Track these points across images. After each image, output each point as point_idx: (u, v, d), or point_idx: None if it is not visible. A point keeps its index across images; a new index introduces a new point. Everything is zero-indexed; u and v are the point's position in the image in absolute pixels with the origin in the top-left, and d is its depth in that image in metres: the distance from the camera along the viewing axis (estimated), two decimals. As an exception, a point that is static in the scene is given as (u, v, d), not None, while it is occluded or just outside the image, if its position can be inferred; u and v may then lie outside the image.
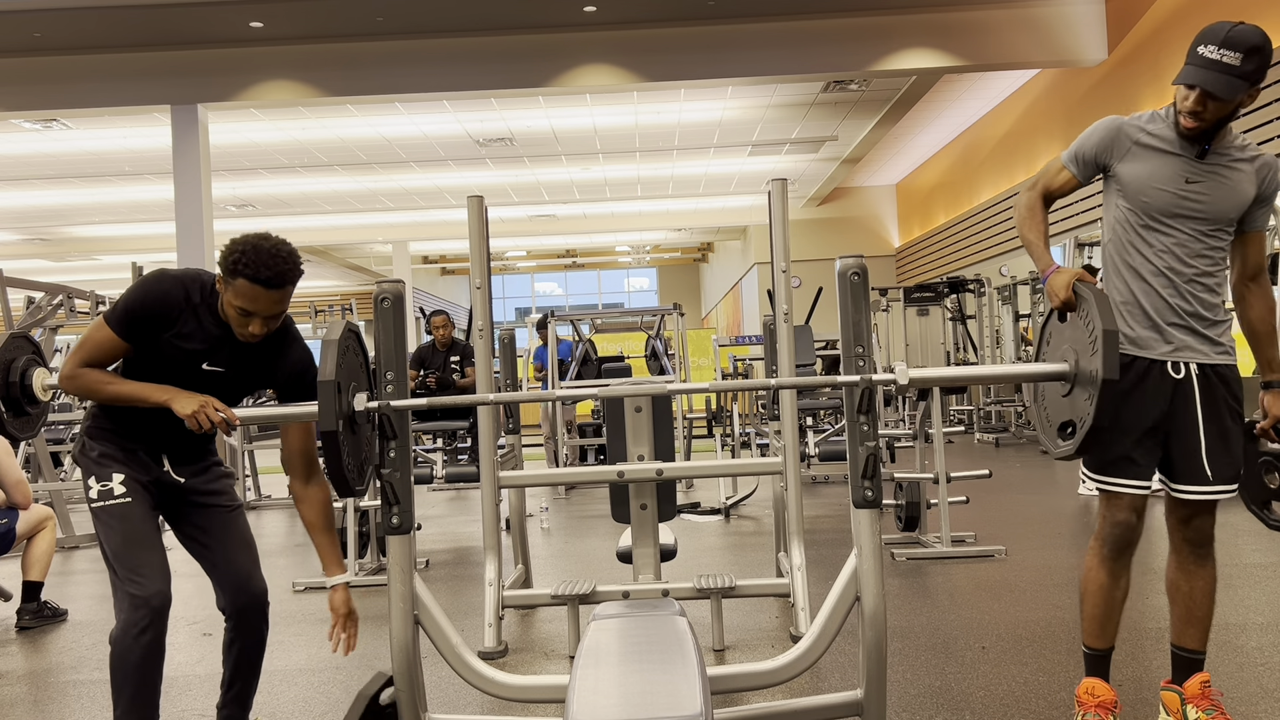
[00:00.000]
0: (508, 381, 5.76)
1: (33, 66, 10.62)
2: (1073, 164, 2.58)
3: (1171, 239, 2.46)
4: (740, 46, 10.71)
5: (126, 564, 2.40)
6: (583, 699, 1.79)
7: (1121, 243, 2.53)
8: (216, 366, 2.51)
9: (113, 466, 2.49)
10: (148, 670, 2.39)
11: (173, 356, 2.45)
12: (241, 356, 2.54)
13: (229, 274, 2.38)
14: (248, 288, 2.35)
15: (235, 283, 2.36)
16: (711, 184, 17.96)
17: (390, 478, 2.27)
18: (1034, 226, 2.63)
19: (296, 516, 7.89)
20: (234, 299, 2.38)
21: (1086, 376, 2.28)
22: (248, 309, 2.39)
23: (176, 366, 2.46)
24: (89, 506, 2.50)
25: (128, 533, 2.44)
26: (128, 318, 2.41)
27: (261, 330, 2.44)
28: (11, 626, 4.41)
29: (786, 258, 3.84)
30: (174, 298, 2.43)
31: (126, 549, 2.41)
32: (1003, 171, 14.25)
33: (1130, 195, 2.48)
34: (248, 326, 2.42)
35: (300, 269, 2.42)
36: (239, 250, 2.36)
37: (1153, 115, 2.50)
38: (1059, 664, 3.23)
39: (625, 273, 31.66)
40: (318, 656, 3.75)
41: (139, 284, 2.45)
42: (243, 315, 2.41)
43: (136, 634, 2.35)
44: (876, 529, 2.24)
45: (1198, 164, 2.43)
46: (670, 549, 3.63)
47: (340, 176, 15.78)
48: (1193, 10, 9.35)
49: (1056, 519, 6.02)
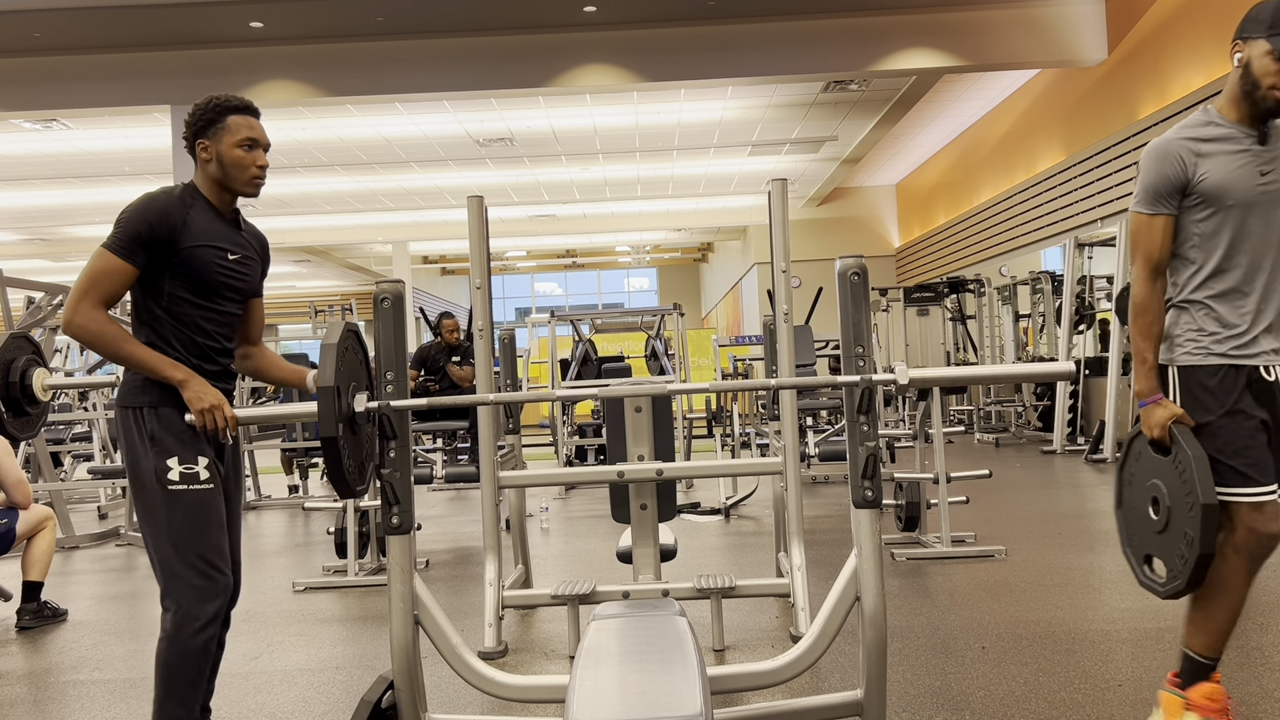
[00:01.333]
0: (508, 381, 5.77)
1: (33, 66, 10.62)
2: (1162, 204, 2.45)
3: (1256, 234, 2.39)
4: (740, 46, 10.71)
5: (200, 553, 2.33)
6: (583, 699, 1.79)
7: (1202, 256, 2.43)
8: (237, 253, 2.50)
9: (197, 446, 2.38)
10: (204, 665, 2.35)
11: (205, 260, 2.41)
12: (243, 242, 2.55)
13: (217, 117, 2.47)
14: (243, 119, 2.48)
15: (227, 122, 2.46)
16: (711, 184, 17.96)
17: (390, 478, 2.27)
18: (1144, 329, 2.45)
19: (296, 516, 7.90)
20: (233, 136, 2.45)
21: (1179, 527, 2.31)
22: (253, 137, 2.47)
23: (214, 270, 2.43)
24: (160, 485, 2.34)
25: (206, 520, 2.36)
26: (139, 242, 2.34)
27: (265, 161, 2.51)
28: (11, 626, 4.41)
29: (786, 258, 3.84)
30: (172, 209, 2.39)
31: (203, 537, 2.34)
32: (1003, 171, 14.25)
33: (1213, 200, 2.39)
34: (256, 161, 2.48)
35: None
36: (212, 99, 2.49)
37: (1197, 119, 2.44)
38: (1059, 664, 3.23)
39: (625, 273, 31.66)
40: (318, 656, 3.75)
41: (136, 210, 2.37)
42: (249, 149, 2.47)
43: (201, 627, 2.31)
44: (876, 529, 2.24)
45: (1263, 150, 2.38)
46: (670, 549, 3.64)
47: (340, 176, 15.78)
48: (1193, 10, 9.35)
49: (1056, 519, 6.02)
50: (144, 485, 2.37)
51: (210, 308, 2.45)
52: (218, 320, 2.48)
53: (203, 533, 2.35)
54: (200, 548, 2.33)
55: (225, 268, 2.45)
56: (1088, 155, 11.29)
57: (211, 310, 2.46)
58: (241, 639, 4.04)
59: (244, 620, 4.38)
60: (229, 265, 2.46)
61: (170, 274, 2.39)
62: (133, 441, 2.39)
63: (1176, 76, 9.60)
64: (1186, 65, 9.43)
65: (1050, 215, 12.39)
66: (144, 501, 2.38)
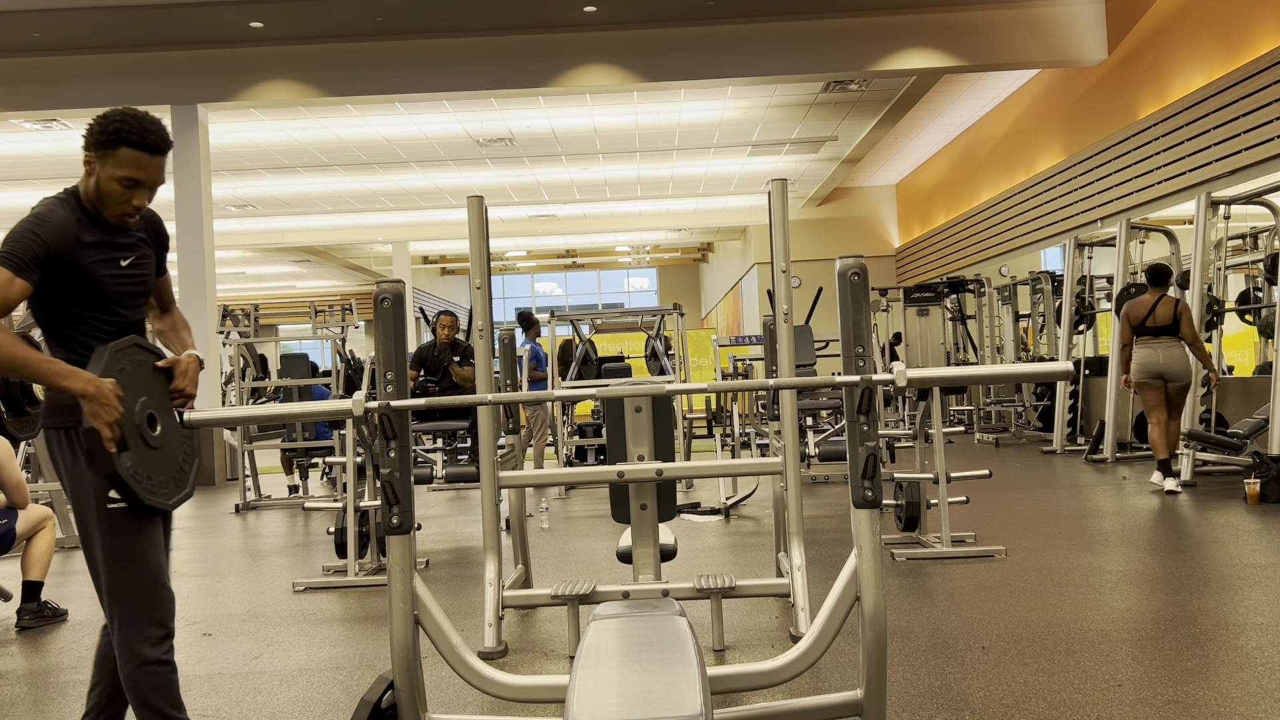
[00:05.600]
0: (508, 382, 5.77)
1: (33, 66, 10.62)
2: None
3: None
4: (740, 46, 10.71)
5: (154, 579, 2.30)
6: (583, 699, 1.79)
7: None
8: (130, 256, 2.37)
9: None
10: (171, 681, 2.33)
11: (99, 275, 2.29)
12: (134, 246, 2.40)
13: (108, 145, 2.25)
14: (136, 156, 2.26)
15: (118, 153, 2.25)
16: (711, 184, 17.97)
17: (390, 478, 2.27)
18: None
19: (296, 516, 7.90)
20: (117, 170, 2.25)
21: None
22: (136, 178, 2.27)
23: (110, 283, 2.32)
24: (99, 507, 2.25)
25: (153, 542, 2.31)
26: (36, 258, 2.20)
27: (146, 203, 2.32)
28: (11, 626, 4.41)
29: (786, 258, 3.84)
30: (67, 219, 2.26)
31: (153, 561, 2.30)
32: (1003, 171, 14.25)
33: None
34: (132, 200, 2.29)
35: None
36: (115, 120, 2.25)
37: None
38: (1059, 664, 3.23)
39: (625, 273, 31.66)
40: (318, 656, 3.75)
41: (30, 224, 2.23)
42: (128, 187, 2.27)
43: (167, 652, 2.30)
44: (876, 529, 2.24)
45: None
46: (670, 549, 3.63)
47: (340, 176, 15.78)
48: (1193, 10, 9.35)
49: (1056, 519, 6.02)
50: (88, 506, 2.28)
51: (108, 319, 2.35)
52: (120, 324, 2.37)
53: (150, 556, 2.30)
54: (154, 573, 2.31)
55: (119, 277, 2.35)
56: (1088, 155, 11.29)
57: (114, 318, 2.36)
58: (241, 639, 4.04)
59: (244, 620, 4.38)
60: (123, 273, 2.36)
61: (65, 289, 2.28)
62: (69, 463, 2.31)
63: (1176, 76, 9.60)
64: (1186, 65, 9.43)
65: (1050, 215, 12.39)
66: (87, 523, 2.29)
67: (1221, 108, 8.69)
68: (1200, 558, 4.78)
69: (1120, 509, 6.35)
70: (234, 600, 4.84)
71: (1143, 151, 10.04)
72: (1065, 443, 10.19)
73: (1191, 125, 9.16)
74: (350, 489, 5.10)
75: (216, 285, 11.60)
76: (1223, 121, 8.67)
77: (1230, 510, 6.11)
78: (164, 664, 2.30)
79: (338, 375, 9.23)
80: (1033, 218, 12.98)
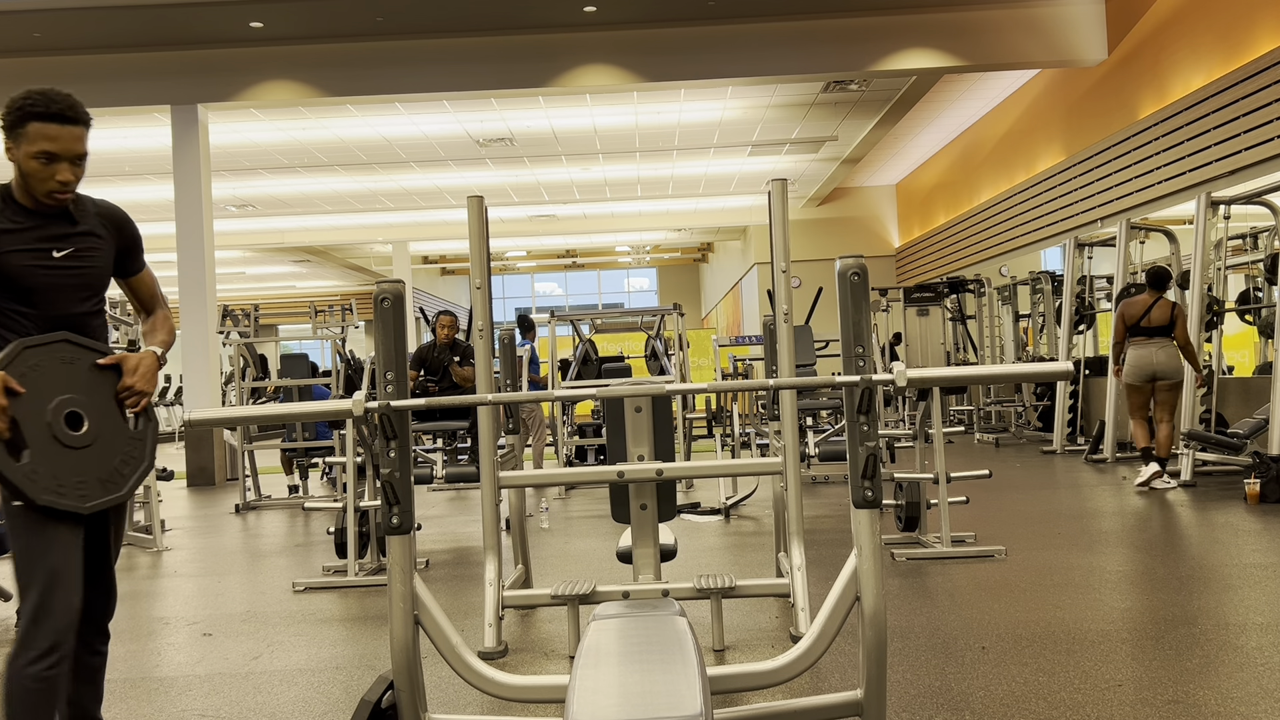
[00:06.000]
0: (508, 382, 5.77)
1: (33, 66, 10.61)
2: None
3: None
4: (740, 46, 10.71)
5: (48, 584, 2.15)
6: (583, 699, 1.79)
7: None
8: (66, 248, 2.29)
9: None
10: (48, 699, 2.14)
11: (20, 267, 2.22)
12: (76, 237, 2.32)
13: (16, 124, 2.20)
14: (44, 128, 2.20)
15: (27, 129, 2.19)
16: (711, 184, 17.97)
17: (390, 478, 2.27)
18: None
19: (296, 516, 7.90)
20: (31, 147, 2.20)
21: None
22: (51, 150, 2.20)
23: (35, 275, 2.23)
24: (7, 503, 2.18)
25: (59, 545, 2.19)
26: None
27: (70, 176, 2.24)
28: (11, 626, 4.41)
29: (786, 258, 3.84)
30: None
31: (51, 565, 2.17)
32: (1003, 171, 14.25)
33: None
34: (55, 175, 2.22)
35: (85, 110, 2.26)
36: (19, 99, 2.20)
37: None
38: (1059, 664, 3.23)
39: (625, 273, 31.67)
40: (318, 656, 3.75)
41: None
42: (46, 163, 2.21)
43: (48, 669, 2.12)
44: (876, 529, 2.24)
45: None
46: (670, 549, 3.63)
47: (340, 176, 15.78)
48: (1193, 10, 9.35)
49: (1056, 519, 6.02)
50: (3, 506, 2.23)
51: (31, 312, 2.27)
52: (48, 319, 2.28)
53: (43, 553, 2.17)
54: (38, 570, 2.16)
55: (48, 269, 2.26)
56: (1088, 155, 11.29)
57: (37, 311, 2.27)
58: (241, 639, 4.04)
59: (244, 620, 4.38)
60: (54, 264, 2.27)
61: None
62: None
63: (1176, 76, 9.60)
64: (1186, 65, 9.43)
65: (1050, 215, 12.39)
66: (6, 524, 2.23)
67: (1221, 108, 8.69)
68: (1200, 558, 4.78)
69: (1120, 509, 6.35)
70: (234, 600, 4.84)
71: (1143, 151, 10.05)
72: (1065, 443, 10.20)
73: (1191, 125, 9.16)
74: (350, 489, 5.11)
75: (216, 285, 11.60)
76: (1223, 121, 8.67)
77: (1230, 510, 6.11)
78: (40, 682, 2.11)
79: (338, 375, 9.24)
80: (1033, 218, 12.98)
